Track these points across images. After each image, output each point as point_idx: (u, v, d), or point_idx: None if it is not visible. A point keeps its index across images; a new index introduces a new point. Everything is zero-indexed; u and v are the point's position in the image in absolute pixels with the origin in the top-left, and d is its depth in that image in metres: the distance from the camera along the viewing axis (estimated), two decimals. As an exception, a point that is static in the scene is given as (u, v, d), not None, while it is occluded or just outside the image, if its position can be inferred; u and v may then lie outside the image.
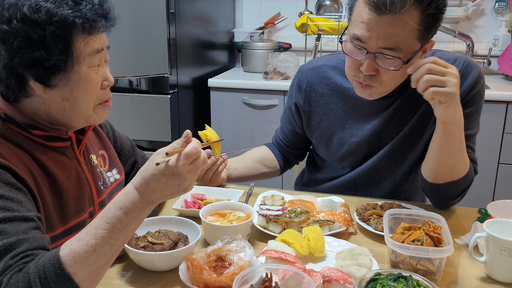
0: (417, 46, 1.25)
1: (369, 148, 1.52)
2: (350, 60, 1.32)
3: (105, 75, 1.11)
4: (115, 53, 2.67)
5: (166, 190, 0.91)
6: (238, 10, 3.52)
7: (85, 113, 1.10)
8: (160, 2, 2.54)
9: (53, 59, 0.99)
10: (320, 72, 1.56)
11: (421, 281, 0.94)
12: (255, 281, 0.94)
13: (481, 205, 1.40)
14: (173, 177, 0.90)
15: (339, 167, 1.61)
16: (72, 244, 0.88)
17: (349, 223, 1.28)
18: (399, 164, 1.53)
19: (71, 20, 0.99)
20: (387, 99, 1.45)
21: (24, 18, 0.97)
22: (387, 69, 1.26)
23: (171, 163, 0.89)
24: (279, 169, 1.75)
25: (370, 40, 1.23)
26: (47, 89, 1.03)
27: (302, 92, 1.59)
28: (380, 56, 1.25)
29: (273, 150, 1.75)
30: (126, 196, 0.91)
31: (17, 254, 0.88)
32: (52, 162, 1.10)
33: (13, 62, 0.99)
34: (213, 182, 1.53)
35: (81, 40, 1.02)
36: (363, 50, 1.26)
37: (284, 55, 3.02)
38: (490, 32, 3.16)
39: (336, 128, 1.55)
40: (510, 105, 2.57)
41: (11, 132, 1.05)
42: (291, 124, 1.67)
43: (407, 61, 1.24)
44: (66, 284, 0.85)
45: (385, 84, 1.30)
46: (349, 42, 1.29)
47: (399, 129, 1.48)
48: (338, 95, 1.53)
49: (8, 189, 0.96)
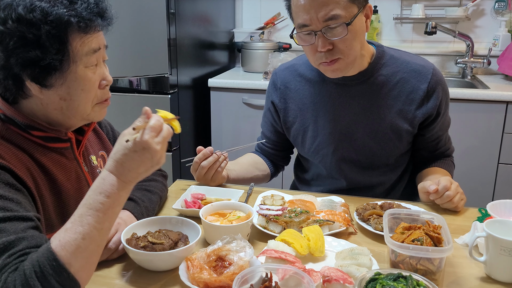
0: (354, 9, 1.38)
1: (341, 140, 1.57)
2: (307, 48, 1.43)
3: (103, 74, 1.11)
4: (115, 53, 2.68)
5: (140, 167, 0.93)
6: (238, 10, 3.52)
7: (83, 112, 1.10)
8: (160, 2, 2.54)
9: (48, 58, 0.99)
10: (292, 70, 1.66)
11: (421, 281, 0.95)
12: (255, 281, 0.95)
13: (481, 205, 1.40)
14: (144, 152, 0.91)
15: (316, 161, 1.65)
16: (60, 235, 0.89)
17: (349, 223, 1.28)
18: (383, 158, 1.58)
19: (66, 19, 0.99)
20: (353, 88, 1.53)
21: (19, 18, 0.97)
22: (339, 39, 1.37)
23: (139, 139, 0.91)
24: (269, 173, 1.79)
25: (312, 20, 1.36)
26: (44, 89, 1.03)
27: (277, 90, 1.67)
28: (327, 30, 1.36)
29: (261, 157, 1.80)
30: (104, 181, 0.92)
31: (14, 252, 0.88)
32: (51, 163, 1.10)
33: (9, 63, 0.99)
34: (215, 180, 1.54)
35: (78, 40, 1.03)
36: (311, 33, 1.38)
37: (284, 55, 3.02)
38: (490, 32, 3.16)
39: (310, 122, 1.61)
40: (510, 105, 2.57)
41: (10, 133, 1.05)
42: (272, 125, 1.73)
43: (350, 22, 1.36)
44: (63, 276, 0.86)
45: (345, 52, 1.40)
46: (298, 33, 1.42)
47: (374, 122, 1.54)
48: (309, 88, 1.61)
49: (7, 189, 0.96)
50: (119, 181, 0.93)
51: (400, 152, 1.60)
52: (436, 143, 1.63)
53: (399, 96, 1.52)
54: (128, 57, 2.65)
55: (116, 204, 0.93)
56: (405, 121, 1.53)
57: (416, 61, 1.54)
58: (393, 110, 1.52)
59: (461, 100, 2.58)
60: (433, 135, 1.60)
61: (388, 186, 1.66)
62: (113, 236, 1.12)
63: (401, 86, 1.52)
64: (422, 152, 1.65)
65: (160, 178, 1.46)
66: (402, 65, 1.53)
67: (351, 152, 1.58)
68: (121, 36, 2.59)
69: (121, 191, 0.93)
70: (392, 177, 1.65)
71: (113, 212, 0.93)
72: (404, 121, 1.53)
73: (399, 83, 1.52)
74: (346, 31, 1.36)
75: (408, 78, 1.52)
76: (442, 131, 1.62)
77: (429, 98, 1.51)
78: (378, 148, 1.57)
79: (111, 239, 1.12)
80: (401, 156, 1.62)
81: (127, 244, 1.08)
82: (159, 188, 1.41)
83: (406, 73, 1.52)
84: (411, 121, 1.53)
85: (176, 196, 1.50)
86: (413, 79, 1.51)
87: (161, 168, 1.51)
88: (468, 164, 2.60)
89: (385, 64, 1.53)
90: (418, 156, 1.68)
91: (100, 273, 1.09)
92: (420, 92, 1.51)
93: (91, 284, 1.04)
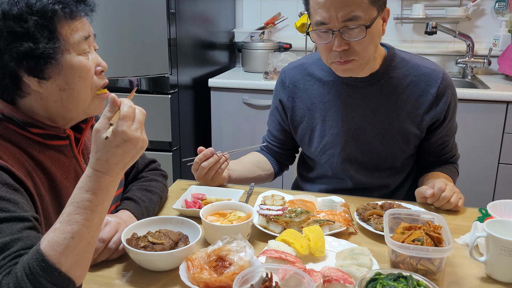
0: (374, 12, 1.37)
1: (348, 141, 1.57)
2: (322, 46, 1.43)
3: (97, 60, 1.12)
4: (115, 53, 2.68)
5: (125, 157, 0.92)
6: (239, 10, 3.52)
7: (84, 101, 1.10)
8: (160, 2, 2.54)
9: (41, 47, 1.00)
10: (301, 69, 1.65)
11: (421, 281, 0.94)
12: (256, 281, 0.94)
13: (481, 205, 1.40)
14: (125, 143, 0.91)
15: (322, 160, 1.64)
16: (49, 235, 0.88)
17: (349, 223, 1.28)
18: (389, 161, 1.58)
19: (51, 8, 1.01)
20: (363, 89, 1.53)
21: (4, 14, 0.99)
22: (356, 41, 1.36)
23: (116, 132, 0.89)
24: (273, 172, 1.78)
25: (332, 19, 1.35)
26: (42, 82, 1.04)
27: (286, 89, 1.66)
28: (345, 30, 1.36)
29: (265, 156, 1.79)
30: (90, 178, 0.90)
31: (9, 254, 0.88)
32: (50, 161, 1.10)
33: (4, 61, 1.00)
34: (215, 181, 1.54)
35: (66, 27, 1.04)
36: (329, 32, 1.37)
37: (285, 55, 3.02)
38: (490, 32, 3.16)
39: (317, 122, 1.61)
40: (510, 105, 2.57)
41: (8, 132, 1.05)
42: (279, 124, 1.72)
43: (369, 25, 1.35)
44: (53, 275, 0.85)
45: (360, 54, 1.40)
46: (314, 31, 1.41)
47: (382, 124, 1.54)
48: (319, 88, 1.60)
49: (5, 189, 0.96)
50: (106, 177, 0.91)
51: (406, 156, 1.59)
52: (441, 148, 1.62)
53: (409, 100, 1.51)
54: (128, 57, 2.65)
55: (104, 200, 0.92)
56: (413, 125, 1.53)
57: (426, 65, 1.53)
58: (402, 113, 1.52)
59: (462, 100, 2.56)
60: (439, 140, 1.59)
61: (393, 188, 1.66)
62: (113, 236, 1.12)
63: (411, 89, 1.51)
64: (427, 157, 1.65)
65: (160, 178, 1.46)
66: (412, 68, 1.52)
67: (358, 153, 1.58)
68: (121, 36, 2.59)
69: (109, 186, 0.92)
70: (397, 180, 1.65)
71: (102, 208, 0.92)
72: (412, 124, 1.53)
73: (409, 87, 1.51)
74: (365, 33, 1.35)
75: (418, 81, 1.51)
76: (448, 137, 1.61)
77: (438, 103, 1.51)
78: (385, 151, 1.56)
79: (111, 239, 1.12)
80: (407, 159, 1.62)
81: (127, 244, 1.08)
82: (160, 188, 1.41)
83: (416, 76, 1.51)
84: (419, 125, 1.53)
85: (176, 196, 1.50)
86: (423, 83, 1.51)
87: (161, 168, 1.52)
88: (468, 164, 2.60)
89: (396, 66, 1.52)
90: (422, 160, 1.67)
91: (100, 273, 1.09)
92: (429, 96, 1.50)
93: (91, 284, 1.04)
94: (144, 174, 1.45)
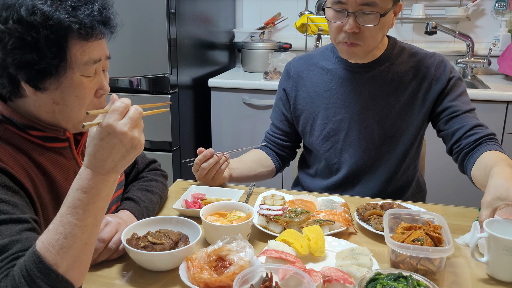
0: (390, 3, 1.44)
1: (351, 126, 1.60)
2: (333, 24, 1.48)
3: (101, 83, 1.10)
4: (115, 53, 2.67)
5: (113, 154, 0.88)
6: (239, 10, 3.52)
7: (75, 119, 1.09)
8: (160, 2, 2.54)
9: (44, 62, 0.98)
10: (306, 60, 1.71)
11: (421, 281, 0.94)
12: (256, 281, 0.94)
13: (481, 205, 1.40)
14: (110, 137, 0.88)
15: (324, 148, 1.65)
16: (43, 237, 0.87)
17: (349, 223, 1.28)
18: (390, 148, 1.60)
19: (67, 24, 0.98)
20: (364, 75, 1.58)
21: (20, 19, 0.97)
22: (367, 27, 1.43)
23: (101, 124, 0.88)
24: (275, 168, 1.78)
25: (349, 0, 1.40)
26: (38, 92, 1.03)
27: (290, 79, 1.71)
28: (360, 14, 1.42)
29: (266, 151, 1.79)
30: (80, 176, 0.89)
31: (7, 256, 0.87)
32: (50, 163, 1.09)
33: (6, 62, 0.99)
34: (216, 181, 1.54)
35: (78, 47, 1.02)
36: (344, 11, 1.43)
37: (285, 55, 3.02)
38: (490, 32, 3.16)
39: (320, 109, 1.64)
40: (510, 105, 2.57)
41: (8, 133, 1.05)
42: (283, 114, 1.75)
43: (384, 14, 1.42)
44: (51, 277, 0.84)
45: (367, 41, 1.46)
46: (330, 8, 1.46)
47: (383, 109, 1.58)
48: (322, 76, 1.65)
49: (4, 192, 0.96)
50: (95, 174, 0.89)
51: (407, 144, 1.60)
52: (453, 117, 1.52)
53: (410, 84, 1.57)
54: (128, 57, 2.65)
55: (97, 199, 0.89)
56: (415, 108, 1.57)
57: (423, 52, 1.62)
58: (403, 97, 1.57)
59: (462, 100, 2.58)
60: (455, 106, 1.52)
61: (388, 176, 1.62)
62: (113, 236, 1.12)
63: (412, 74, 1.57)
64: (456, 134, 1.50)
65: (161, 178, 1.46)
66: (412, 55, 1.60)
67: (361, 139, 1.60)
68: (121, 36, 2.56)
69: (99, 185, 0.89)
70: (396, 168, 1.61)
71: (95, 207, 0.89)
72: (415, 107, 1.57)
73: (410, 72, 1.58)
74: (378, 21, 1.42)
75: (418, 66, 1.58)
76: (464, 105, 1.52)
77: (438, 78, 1.55)
78: (386, 136, 1.59)
79: (111, 239, 1.11)
80: (409, 148, 1.61)
81: (127, 244, 1.08)
82: (160, 188, 1.41)
83: (415, 62, 1.59)
84: (420, 107, 1.57)
85: (176, 196, 1.50)
86: (422, 67, 1.57)
87: (162, 169, 1.52)
88: (468, 164, 2.60)
89: (397, 53, 1.60)
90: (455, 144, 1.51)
91: (100, 273, 1.09)
92: (429, 77, 1.56)
93: (91, 284, 1.04)
94: (144, 174, 1.45)
